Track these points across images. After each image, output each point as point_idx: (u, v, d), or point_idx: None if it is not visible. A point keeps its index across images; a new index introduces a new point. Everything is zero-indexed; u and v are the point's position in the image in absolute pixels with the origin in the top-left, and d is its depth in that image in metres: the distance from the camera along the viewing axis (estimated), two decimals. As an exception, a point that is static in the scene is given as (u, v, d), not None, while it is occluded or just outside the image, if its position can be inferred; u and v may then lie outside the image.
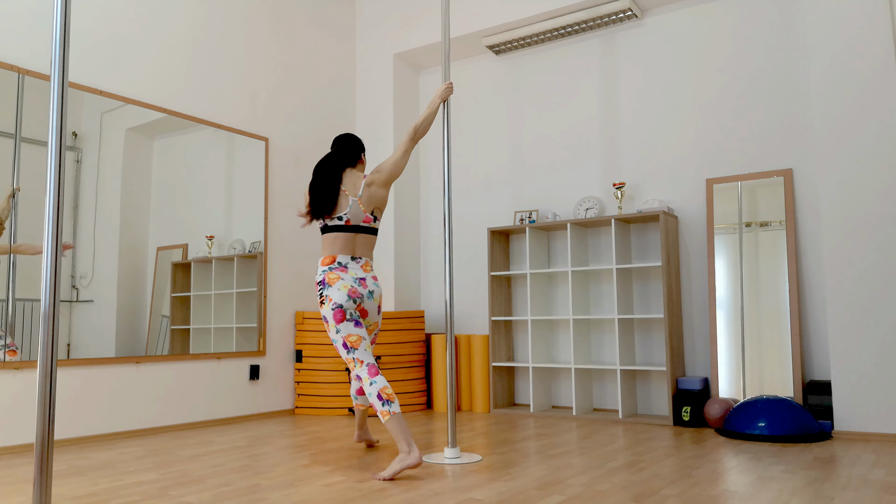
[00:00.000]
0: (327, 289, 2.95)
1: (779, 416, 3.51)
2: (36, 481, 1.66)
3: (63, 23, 1.78)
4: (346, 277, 2.98)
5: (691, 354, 4.38)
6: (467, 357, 4.92)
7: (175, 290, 4.20)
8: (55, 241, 1.72)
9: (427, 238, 5.65)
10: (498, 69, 5.40)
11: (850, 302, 3.62)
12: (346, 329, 2.91)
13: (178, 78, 4.37)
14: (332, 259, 3.03)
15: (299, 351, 4.86)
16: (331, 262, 3.02)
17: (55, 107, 1.75)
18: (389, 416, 2.76)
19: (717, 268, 4.25)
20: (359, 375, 2.89)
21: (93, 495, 2.48)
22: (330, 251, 3.04)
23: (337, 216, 3.04)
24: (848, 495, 2.35)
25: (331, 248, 3.04)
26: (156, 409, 4.03)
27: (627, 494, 2.40)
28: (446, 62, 3.42)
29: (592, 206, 4.69)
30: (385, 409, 2.77)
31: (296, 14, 5.25)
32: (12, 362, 3.40)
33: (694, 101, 4.52)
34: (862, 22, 3.70)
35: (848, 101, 3.71)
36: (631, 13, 4.60)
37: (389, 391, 2.81)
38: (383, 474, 2.67)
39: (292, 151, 5.11)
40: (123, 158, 4.02)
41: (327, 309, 2.93)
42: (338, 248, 3.04)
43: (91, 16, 3.93)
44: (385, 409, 2.77)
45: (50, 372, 1.69)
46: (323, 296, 2.95)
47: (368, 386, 2.82)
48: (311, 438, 3.72)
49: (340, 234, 3.05)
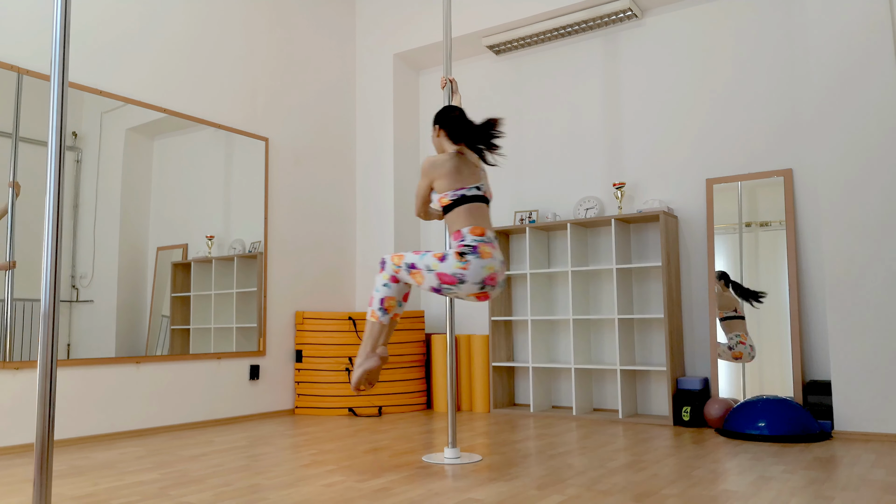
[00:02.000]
0: (474, 258, 2.66)
1: (779, 416, 3.51)
2: (36, 481, 1.66)
3: (63, 23, 1.78)
4: (496, 258, 2.71)
5: (691, 354, 4.38)
6: (467, 357, 4.92)
7: (175, 290, 4.20)
8: (55, 241, 1.72)
9: (427, 238, 5.65)
10: (498, 69, 5.40)
11: (850, 302, 3.61)
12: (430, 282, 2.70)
13: (178, 78, 4.37)
14: (481, 231, 2.72)
15: (299, 351, 4.86)
16: (481, 233, 2.72)
17: (55, 107, 1.75)
18: (377, 319, 2.81)
19: (717, 268, 4.25)
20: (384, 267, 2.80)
21: (93, 495, 2.48)
22: (475, 222, 2.74)
23: (475, 185, 2.80)
24: (848, 495, 2.35)
25: (473, 218, 2.75)
26: (156, 409, 4.03)
27: (627, 494, 2.40)
28: (448, 62, 3.42)
29: (592, 206, 4.69)
30: (378, 312, 2.82)
31: (296, 14, 5.25)
32: (12, 362, 3.40)
33: (694, 101, 4.52)
34: (862, 22, 3.70)
35: (848, 100, 3.71)
36: (631, 13, 4.60)
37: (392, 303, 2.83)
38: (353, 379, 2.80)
39: (292, 151, 5.11)
40: (123, 158, 4.02)
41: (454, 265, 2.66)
42: (482, 221, 2.76)
43: (91, 16, 3.93)
44: (378, 312, 2.82)
45: (50, 372, 1.69)
46: (465, 257, 2.66)
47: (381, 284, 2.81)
48: (311, 438, 3.72)
49: (483, 206, 2.80)
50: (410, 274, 2.76)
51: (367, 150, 5.62)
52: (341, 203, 5.50)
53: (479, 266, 2.66)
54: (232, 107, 4.70)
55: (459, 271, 2.66)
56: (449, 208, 2.80)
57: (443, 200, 2.81)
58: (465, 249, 2.69)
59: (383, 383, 4.80)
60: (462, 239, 2.73)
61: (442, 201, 2.82)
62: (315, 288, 5.18)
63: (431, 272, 2.69)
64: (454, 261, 2.67)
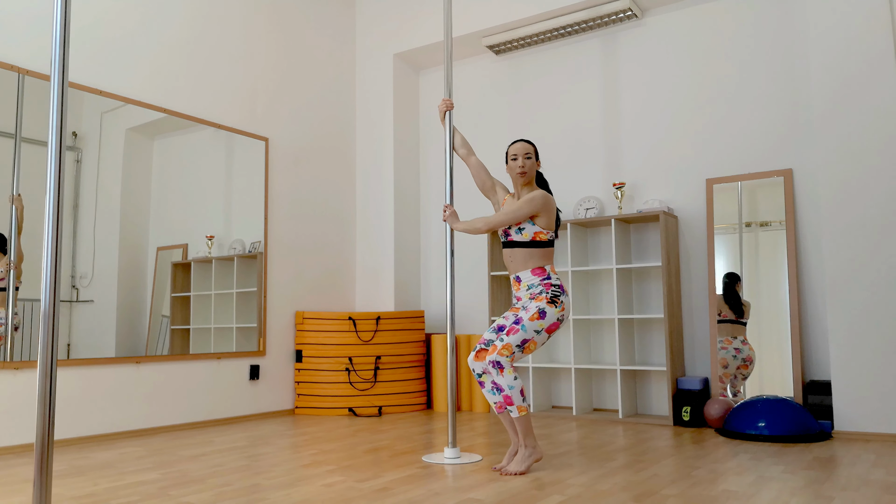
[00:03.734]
0: (564, 296, 2.92)
1: (779, 416, 3.51)
2: (36, 481, 1.66)
3: (63, 23, 1.78)
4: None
5: (691, 354, 4.38)
6: (467, 357, 4.92)
7: (175, 290, 4.20)
8: (55, 241, 1.72)
9: (427, 238, 5.65)
10: (498, 69, 5.40)
11: (850, 302, 3.61)
12: (542, 339, 2.87)
13: (178, 78, 4.37)
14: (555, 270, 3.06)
15: (299, 351, 4.86)
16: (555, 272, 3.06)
17: (55, 107, 1.75)
18: (526, 411, 2.83)
19: (717, 268, 4.25)
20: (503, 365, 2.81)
21: (93, 495, 2.48)
22: (553, 263, 3.03)
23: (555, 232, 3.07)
24: (848, 495, 2.35)
25: (553, 260, 3.04)
26: (156, 409, 4.03)
27: (627, 494, 2.40)
28: (448, 62, 3.42)
29: (592, 206, 4.69)
30: (524, 404, 2.82)
31: (296, 14, 5.25)
32: (12, 362, 3.40)
33: (694, 101, 4.52)
34: (862, 21, 3.70)
35: (848, 100, 3.71)
36: (631, 13, 4.60)
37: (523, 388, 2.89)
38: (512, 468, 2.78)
39: (292, 151, 5.11)
40: (123, 158, 4.02)
41: (555, 313, 2.87)
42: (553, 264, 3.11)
43: (91, 16, 3.93)
44: (524, 404, 2.82)
45: (50, 372, 1.69)
46: (559, 300, 2.89)
47: (513, 380, 2.82)
48: (311, 438, 3.72)
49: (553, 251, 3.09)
50: (525, 351, 2.86)
51: (367, 150, 5.62)
52: (341, 203, 5.50)
53: (569, 304, 2.95)
54: (232, 107, 4.70)
55: (561, 315, 2.89)
56: (542, 245, 2.97)
57: (541, 236, 2.96)
58: (556, 291, 2.90)
59: (383, 383, 4.80)
60: (546, 277, 2.94)
61: (540, 236, 2.96)
62: (315, 288, 5.18)
63: (541, 333, 2.86)
64: (552, 310, 2.87)
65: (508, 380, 2.79)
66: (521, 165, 3.00)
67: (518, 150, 3.02)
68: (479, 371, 2.94)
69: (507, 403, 2.81)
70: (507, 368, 2.80)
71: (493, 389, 2.92)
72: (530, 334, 2.83)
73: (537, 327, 2.83)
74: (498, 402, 2.91)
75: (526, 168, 3.00)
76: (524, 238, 2.96)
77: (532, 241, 2.94)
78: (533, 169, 3.03)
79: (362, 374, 4.77)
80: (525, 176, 3.01)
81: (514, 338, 2.82)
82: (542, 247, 2.96)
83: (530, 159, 3.01)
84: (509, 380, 2.79)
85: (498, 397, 2.90)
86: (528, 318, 2.84)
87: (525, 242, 2.95)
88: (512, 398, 2.80)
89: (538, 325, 2.83)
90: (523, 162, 3.00)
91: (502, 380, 2.80)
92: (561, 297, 2.89)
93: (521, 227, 2.96)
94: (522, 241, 2.96)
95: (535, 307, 2.86)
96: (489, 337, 2.99)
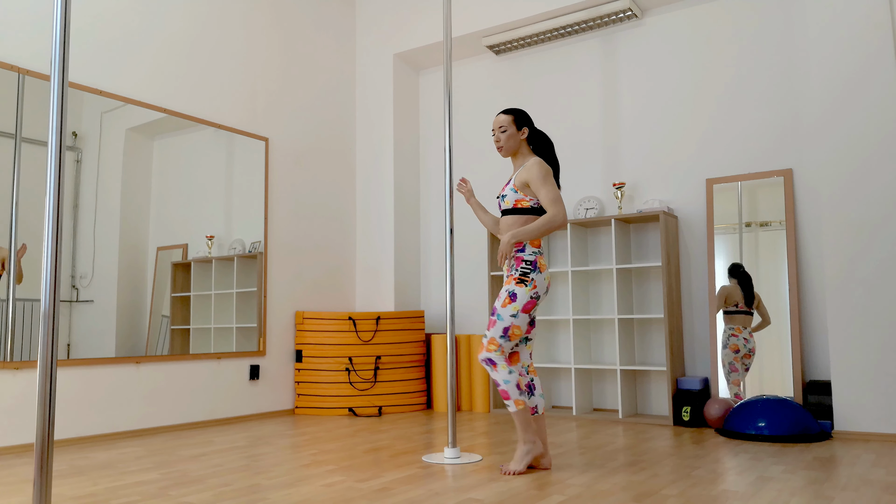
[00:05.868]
0: (536, 273, 2.81)
1: (779, 416, 3.51)
2: (36, 481, 1.66)
3: (63, 23, 1.78)
4: (545, 268, 2.88)
5: (691, 354, 4.38)
6: (467, 357, 4.92)
7: (175, 290, 4.20)
8: (55, 241, 1.72)
9: (427, 238, 5.65)
10: (498, 69, 5.40)
11: (850, 302, 3.61)
12: (523, 320, 2.79)
13: (178, 78, 4.37)
14: (539, 243, 2.88)
15: (299, 351, 4.86)
16: (538, 245, 2.88)
17: (55, 107, 1.75)
18: (523, 405, 2.78)
19: (717, 268, 4.25)
20: (494, 361, 2.78)
21: (93, 495, 2.48)
22: None
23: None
24: (848, 495, 2.34)
25: None
26: (156, 409, 4.03)
27: (627, 494, 2.40)
28: (448, 62, 3.42)
29: (592, 206, 4.69)
30: (521, 398, 2.77)
31: (296, 14, 5.25)
32: (12, 362, 3.40)
33: (694, 101, 4.52)
34: (862, 21, 3.70)
35: (848, 100, 3.71)
36: (631, 13, 4.60)
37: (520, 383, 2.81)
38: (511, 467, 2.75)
39: (292, 151, 5.11)
40: (123, 158, 4.02)
41: (526, 293, 2.78)
42: None
43: (91, 16, 3.93)
44: (521, 398, 2.77)
45: (50, 372, 1.69)
46: (528, 277, 2.80)
47: (507, 374, 2.77)
48: (311, 438, 3.72)
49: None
50: (510, 338, 2.80)
51: (367, 150, 5.62)
52: (341, 203, 5.50)
53: (541, 280, 2.84)
54: (232, 107, 4.70)
55: (532, 293, 2.81)
56: (525, 212, 2.89)
57: (522, 203, 2.88)
58: (525, 269, 2.82)
59: (383, 383, 4.80)
60: (521, 249, 2.85)
61: (521, 203, 2.89)
62: (315, 288, 5.18)
63: (518, 316, 2.79)
64: (522, 290, 2.80)
65: (503, 374, 2.78)
66: (497, 140, 2.98)
67: (493, 124, 3.00)
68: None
69: (504, 398, 2.79)
70: (500, 363, 2.78)
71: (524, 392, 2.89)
72: (507, 321, 2.79)
73: (512, 312, 2.78)
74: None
75: (502, 142, 2.97)
76: (507, 205, 2.94)
77: (514, 209, 2.90)
78: (511, 140, 2.96)
79: (362, 374, 4.77)
80: (503, 150, 2.98)
81: (495, 330, 2.80)
82: (524, 214, 2.89)
83: (505, 132, 2.96)
84: (503, 374, 2.78)
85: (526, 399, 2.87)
86: (500, 306, 2.81)
87: (508, 210, 2.93)
88: (508, 392, 2.77)
89: (512, 309, 2.78)
90: (498, 136, 2.97)
91: (497, 375, 2.79)
92: (531, 275, 2.80)
93: (503, 195, 2.95)
94: (506, 208, 2.94)
95: (505, 291, 2.83)
96: None
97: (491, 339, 2.80)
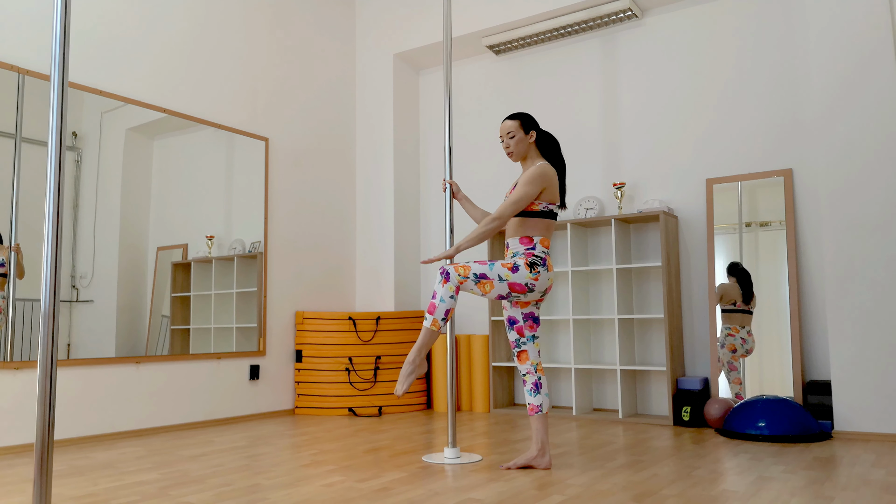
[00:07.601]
0: (544, 270, 2.84)
1: (779, 416, 3.51)
2: (36, 481, 1.66)
3: (63, 23, 1.78)
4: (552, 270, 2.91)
5: (691, 354, 4.38)
6: (467, 357, 4.93)
7: (175, 290, 4.20)
8: (55, 241, 1.72)
9: (427, 238, 5.65)
10: (498, 69, 5.40)
11: (850, 302, 3.61)
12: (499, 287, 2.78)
13: (178, 78, 4.37)
14: (548, 244, 2.93)
15: (299, 351, 4.86)
16: (548, 246, 2.92)
17: (55, 107, 1.75)
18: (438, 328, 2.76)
19: (718, 268, 4.25)
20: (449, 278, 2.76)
21: (93, 495, 2.48)
22: (546, 234, 2.92)
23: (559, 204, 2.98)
24: (848, 495, 2.35)
25: (547, 232, 2.92)
26: (156, 409, 4.03)
27: (627, 494, 2.40)
28: (448, 62, 3.42)
29: (592, 206, 4.69)
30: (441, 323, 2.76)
31: (296, 14, 5.25)
32: (12, 362, 3.40)
33: (694, 101, 4.52)
34: (862, 21, 3.70)
35: (848, 100, 3.71)
36: (631, 13, 4.60)
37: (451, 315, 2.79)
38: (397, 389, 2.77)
39: (292, 151, 5.11)
40: (123, 158, 4.02)
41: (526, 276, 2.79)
42: (549, 235, 2.93)
43: (91, 16, 3.93)
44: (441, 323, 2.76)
45: (50, 372, 1.69)
46: (537, 268, 2.81)
47: (448, 297, 2.76)
48: (310, 438, 3.72)
49: (553, 223, 2.96)
50: (478, 284, 2.79)
51: (367, 150, 5.62)
52: (341, 203, 5.50)
53: (545, 277, 2.85)
54: (232, 107, 4.70)
55: (531, 281, 2.81)
56: (534, 215, 2.90)
57: (534, 206, 2.89)
58: (536, 260, 2.84)
59: (383, 383, 4.80)
60: (531, 246, 2.88)
61: (532, 206, 2.89)
62: (315, 288, 5.18)
63: (504, 282, 2.79)
64: (526, 271, 2.81)
65: (444, 291, 2.77)
66: (507, 146, 3.00)
67: (501, 130, 3.01)
68: (523, 371, 2.95)
69: (429, 311, 2.77)
70: (451, 284, 2.78)
71: (531, 390, 2.90)
72: (493, 275, 2.78)
73: (503, 274, 2.79)
74: (532, 404, 2.89)
75: (511, 147, 2.98)
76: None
77: (522, 211, 2.91)
78: (520, 144, 2.98)
79: (362, 374, 4.77)
80: (513, 155, 3.00)
81: (478, 267, 2.80)
82: (532, 216, 2.90)
83: (514, 137, 2.97)
84: (444, 292, 2.77)
85: (532, 397, 2.89)
86: (500, 264, 2.82)
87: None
88: (436, 309, 2.77)
89: (505, 273, 2.79)
90: (507, 142, 2.99)
91: (440, 289, 2.78)
92: (539, 267, 2.82)
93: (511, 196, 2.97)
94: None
95: (512, 260, 2.85)
96: (513, 337, 2.99)
97: (467, 266, 2.80)
